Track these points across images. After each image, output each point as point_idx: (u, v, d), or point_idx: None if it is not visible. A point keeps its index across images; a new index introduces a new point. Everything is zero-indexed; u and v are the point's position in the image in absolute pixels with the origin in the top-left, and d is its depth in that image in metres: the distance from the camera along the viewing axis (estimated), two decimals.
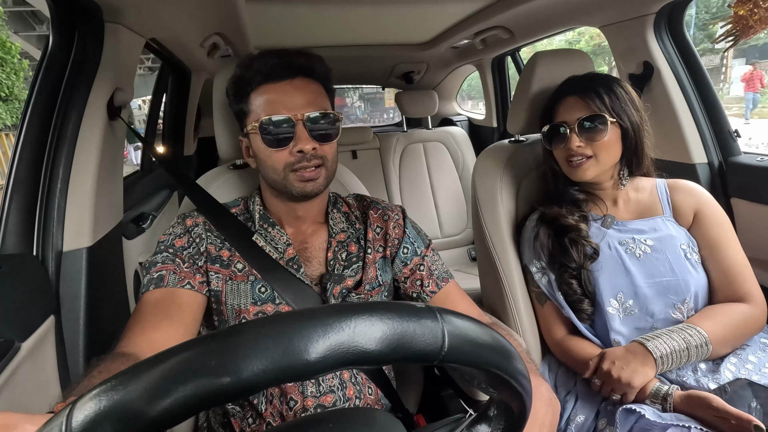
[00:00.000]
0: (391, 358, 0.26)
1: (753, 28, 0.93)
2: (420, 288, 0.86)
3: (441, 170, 2.40)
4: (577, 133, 0.92)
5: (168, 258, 0.75)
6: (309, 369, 0.24)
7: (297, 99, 0.75)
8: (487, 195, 1.14)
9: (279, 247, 0.80)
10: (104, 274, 1.01)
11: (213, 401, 0.23)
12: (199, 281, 0.75)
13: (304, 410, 0.72)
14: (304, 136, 0.74)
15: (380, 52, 2.14)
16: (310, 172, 0.75)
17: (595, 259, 0.94)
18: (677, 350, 0.80)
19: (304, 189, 0.76)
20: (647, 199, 0.98)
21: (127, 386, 0.23)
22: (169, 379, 0.23)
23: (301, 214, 0.83)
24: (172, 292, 0.72)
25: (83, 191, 0.94)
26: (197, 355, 0.24)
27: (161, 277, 0.72)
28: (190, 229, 0.78)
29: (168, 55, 1.64)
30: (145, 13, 1.06)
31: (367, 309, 0.26)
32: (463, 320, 0.29)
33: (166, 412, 0.23)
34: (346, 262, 0.82)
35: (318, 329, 0.25)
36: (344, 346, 0.25)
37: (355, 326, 0.25)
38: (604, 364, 0.84)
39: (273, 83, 0.75)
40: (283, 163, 0.75)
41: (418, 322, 0.27)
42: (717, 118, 1.27)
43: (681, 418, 0.73)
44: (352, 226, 0.87)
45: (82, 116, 0.95)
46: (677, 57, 1.29)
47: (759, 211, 1.14)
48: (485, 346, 0.30)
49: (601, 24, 1.41)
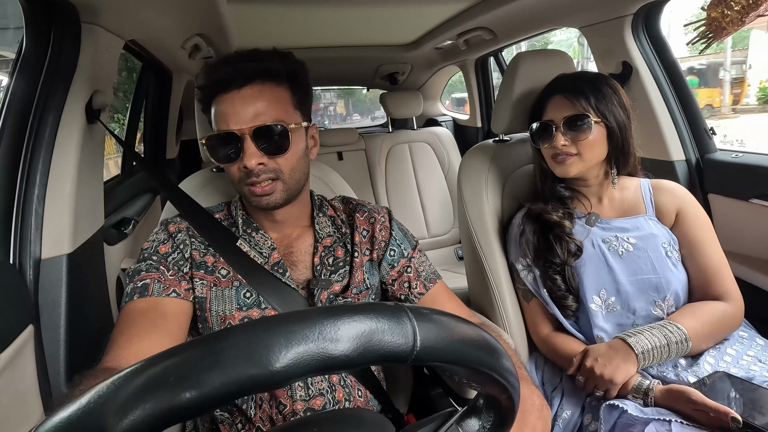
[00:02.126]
0: (359, 361, 0.25)
1: (725, 30, 0.96)
2: (408, 290, 0.86)
3: (427, 170, 2.41)
4: (562, 132, 0.93)
5: (152, 266, 0.73)
6: (273, 379, 0.23)
7: (244, 111, 0.70)
8: (472, 194, 1.15)
9: (263, 251, 0.78)
10: (85, 281, 0.99)
11: (177, 416, 0.23)
12: (185, 288, 0.73)
13: (293, 414, 0.71)
14: (250, 151, 0.70)
15: (364, 53, 2.14)
16: (263, 187, 0.73)
17: (578, 256, 0.95)
18: (658, 346, 0.82)
19: (260, 203, 0.74)
20: (631, 198, 1.00)
21: (88, 406, 0.23)
22: (130, 397, 0.22)
23: (280, 219, 0.81)
24: (157, 301, 0.70)
25: (62, 196, 0.92)
26: (158, 371, 0.23)
27: (146, 286, 0.70)
28: (174, 235, 0.77)
29: (148, 56, 1.61)
30: (123, 13, 1.04)
31: (332, 313, 0.26)
32: (436, 316, 0.28)
33: (130, 430, 0.22)
34: (333, 267, 0.81)
35: (281, 337, 0.24)
36: (309, 353, 0.24)
37: (319, 332, 0.24)
38: (588, 361, 0.85)
39: (224, 94, 0.72)
40: (237, 177, 0.74)
41: (386, 322, 0.26)
42: (693, 117, 1.31)
43: (662, 412, 0.75)
44: (338, 230, 0.85)
45: (59, 120, 0.92)
46: (654, 57, 1.32)
47: (734, 206, 1.18)
48: (462, 341, 0.29)
49: (581, 25, 1.44)
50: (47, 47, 0.91)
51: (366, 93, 3.44)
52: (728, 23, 0.95)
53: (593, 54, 1.45)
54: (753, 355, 0.85)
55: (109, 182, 1.60)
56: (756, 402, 0.71)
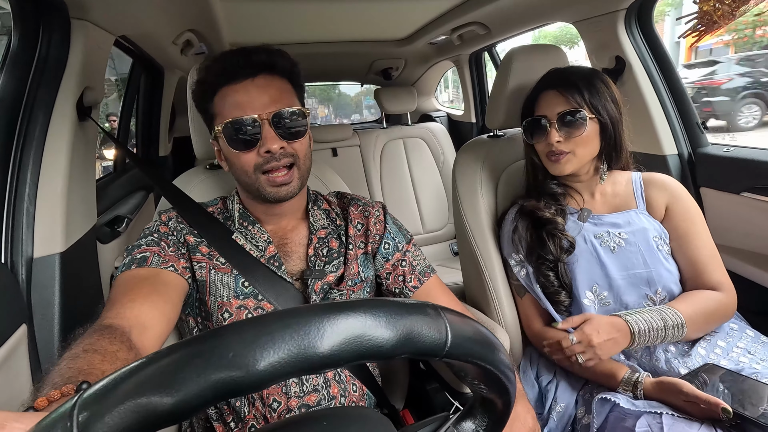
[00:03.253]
0: (399, 351, 0.26)
1: (717, 24, 0.97)
2: (402, 283, 0.86)
3: (421, 166, 2.41)
4: (556, 128, 0.93)
5: (153, 241, 0.74)
6: (321, 362, 0.24)
7: (261, 98, 0.73)
8: (467, 190, 1.15)
9: (260, 245, 0.79)
10: (79, 279, 0.98)
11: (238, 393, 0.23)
12: (183, 266, 0.74)
13: (288, 411, 0.71)
14: (271, 136, 0.72)
15: (358, 48, 2.13)
16: (282, 176, 0.74)
17: (571, 252, 0.96)
18: (655, 328, 0.83)
19: (277, 193, 0.75)
20: (623, 193, 1.00)
21: (141, 376, 0.23)
22: (188, 371, 0.23)
23: (280, 211, 0.82)
24: (158, 271, 0.71)
25: (53, 195, 0.91)
26: (216, 347, 0.24)
27: (145, 258, 0.71)
28: (166, 223, 0.79)
29: (139, 52, 1.59)
30: (113, 9, 1.02)
31: (376, 305, 0.27)
32: (464, 318, 0.31)
33: (185, 404, 0.22)
34: (327, 258, 0.82)
35: (329, 326, 0.25)
36: (357, 341, 0.25)
37: (364, 322, 0.26)
38: (588, 328, 0.86)
39: (234, 84, 0.74)
40: (252, 164, 0.74)
41: (424, 318, 0.28)
42: (686, 111, 1.31)
43: (653, 405, 0.76)
44: (332, 222, 0.86)
45: (50, 117, 0.91)
46: (647, 51, 1.32)
47: (726, 200, 1.19)
48: (483, 342, 0.31)
49: (574, 19, 1.44)
50: (36, 43, 0.90)
51: (352, 96, 3.43)
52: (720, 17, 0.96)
53: (586, 49, 1.45)
54: (743, 347, 0.86)
55: (102, 180, 1.59)
56: (745, 393, 0.72)
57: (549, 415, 0.90)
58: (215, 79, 0.75)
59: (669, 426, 0.71)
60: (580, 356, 0.85)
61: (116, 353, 0.52)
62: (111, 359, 0.50)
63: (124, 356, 0.53)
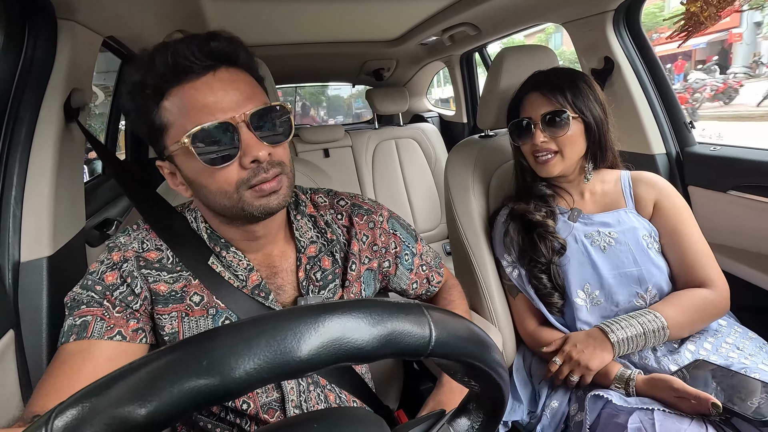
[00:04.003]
0: (382, 353, 0.26)
1: (704, 24, 0.98)
2: (427, 284, 0.89)
3: (414, 166, 2.41)
4: (541, 129, 0.94)
5: (94, 300, 0.61)
6: (300, 366, 0.24)
7: (229, 95, 0.56)
8: (459, 190, 1.15)
9: (239, 273, 0.67)
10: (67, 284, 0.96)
11: (208, 401, 0.23)
12: (133, 329, 0.62)
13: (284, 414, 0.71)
14: (254, 141, 0.57)
15: (349, 49, 2.13)
16: (271, 183, 0.59)
17: (562, 253, 0.97)
18: (634, 335, 0.84)
19: (267, 205, 0.60)
20: (612, 192, 1.02)
21: (112, 390, 0.22)
22: (158, 380, 0.22)
23: (261, 233, 0.67)
24: (98, 344, 0.59)
25: (40, 198, 0.90)
26: (186, 357, 0.23)
27: (85, 324, 0.60)
28: (119, 265, 0.64)
29: (128, 53, 1.57)
30: (101, 10, 1.01)
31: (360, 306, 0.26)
32: (447, 315, 0.30)
33: (157, 414, 0.22)
34: (321, 282, 0.72)
35: (311, 329, 0.25)
36: (337, 343, 0.25)
37: (345, 324, 0.26)
38: (567, 346, 0.89)
39: (189, 81, 0.56)
40: (235, 181, 0.58)
41: (407, 318, 0.27)
42: (673, 111, 1.33)
43: (645, 401, 0.77)
44: (322, 234, 0.75)
45: (36, 119, 0.90)
46: (635, 52, 1.34)
47: (713, 198, 1.21)
48: (468, 338, 0.31)
49: (563, 20, 1.45)
50: (22, 44, 0.88)
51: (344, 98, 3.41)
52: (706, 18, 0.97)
53: (576, 49, 1.47)
54: (731, 343, 0.88)
55: (91, 182, 1.57)
56: (735, 388, 0.74)
57: (542, 413, 0.91)
58: (160, 78, 0.56)
59: (660, 422, 0.72)
60: (572, 376, 0.87)
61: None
62: None
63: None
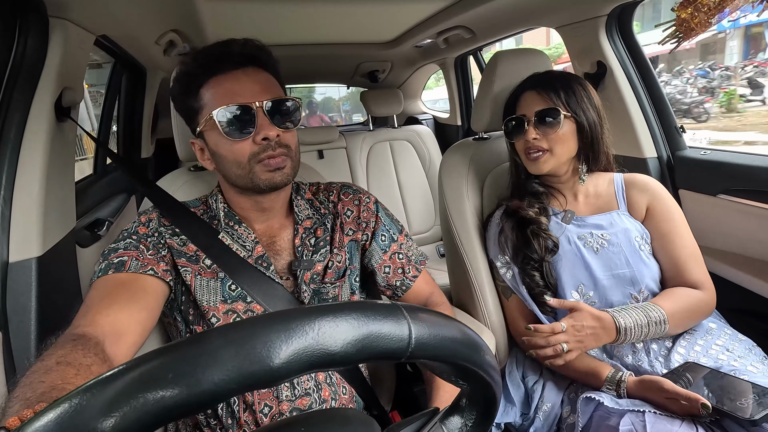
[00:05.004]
0: (357, 358, 0.25)
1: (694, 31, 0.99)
2: (402, 275, 0.89)
3: (408, 168, 2.42)
4: (534, 126, 0.96)
5: (131, 244, 0.72)
6: (275, 374, 0.24)
7: (252, 86, 0.72)
8: (453, 192, 1.16)
9: (247, 245, 0.78)
10: (57, 285, 0.95)
11: (179, 414, 0.23)
12: (163, 269, 0.72)
13: (280, 415, 0.71)
14: (266, 123, 0.71)
15: (344, 50, 2.13)
16: (277, 159, 0.72)
17: (555, 252, 0.97)
18: (639, 324, 0.85)
19: (272, 179, 0.73)
20: (605, 194, 1.03)
21: (80, 402, 0.22)
22: (121, 394, 0.22)
23: (267, 205, 0.80)
24: (136, 276, 0.69)
25: (30, 197, 0.88)
26: (153, 368, 0.23)
27: (122, 262, 0.69)
28: (147, 224, 0.77)
29: (121, 52, 1.56)
30: (93, 8, 1.00)
31: (333, 310, 0.26)
32: (428, 315, 0.29)
33: (122, 428, 0.21)
34: (314, 248, 0.82)
35: (281, 333, 0.24)
36: (310, 349, 0.24)
37: (319, 329, 0.25)
38: (577, 315, 0.87)
39: (224, 74, 0.72)
40: (248, 154, 0.72)
41: (384, 321, 0.26)
42: (665, 115, 1.35)
43: (636, 403, 0.77)
44: (317, 212, 0.86)
45: (26, 118, 0.88)
46: (627, 56, 1.35)
47: (704, 201, 1.22)
48: (452, 339, 0.30)
49: (557, 25, 1.46)
50: (12, 43, 0.87)
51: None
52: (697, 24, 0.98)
53: (569, 54, 1.48)
54: (721, 345, 0.89)
55: (82, 182, 1.55)
56: (724, 389, 0.74)
57: (535, 415, 0.91)
58: (202, 70, 0.72)
59: (651, 423, 0.72)
60: (564, 345, 0.85)
61: (90, 367, 0.51)
62: (85, 373, 0.49)
63: (97, 370, 0.52)
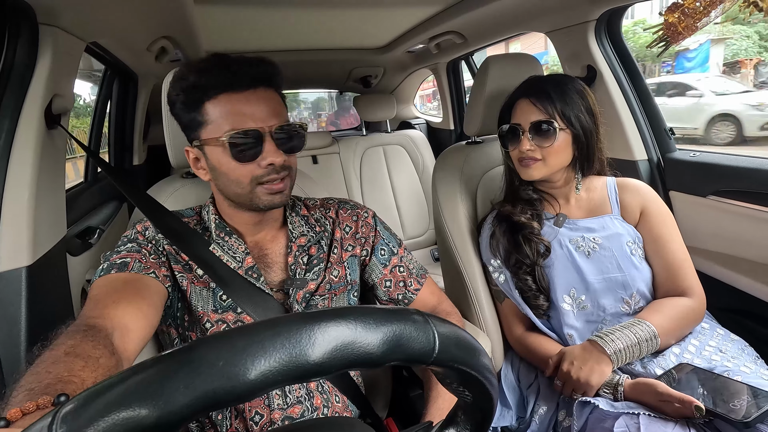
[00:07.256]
0: (388, 359, 0.26)
1: (682, 35, 1.01)
2: (404, 289, 0.89)
3: (401, 173, 2.42)
4: (528, 137, 0.95)
5: (133, 248, 0.73)
6: (315, 369, 0.24)
7: (263, 110, 0.72)
8: (447, 196, 1.16)
9: (237, 256, 0.78)
10: (47, 294, 0.94)
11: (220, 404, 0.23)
12: (164, 274, 0.73)
13: (271, 424, 0.70)
14: (273, 149, 0.72)
15: (337, 56, 2.14)
16: (278, 184, 0.74)
17: (547, 256, 0.97)
18: (629, 345, 0.84)
19: (272, 201, 0.74)
20: (598, 198, 1.03)
21: (123, 388, 0.22)
22: (169, 380, 0.22)
23: (262, 220, 0.81)
24: (139, 276, 0.69)
25: (19, 206, 0.87)
26: (201, 359, 0.23)
27: (125, 263, 0.70)
28: (143, 232, 0.77)
29: (112, 59, 1.55)
30: (84, 15, 0.99)
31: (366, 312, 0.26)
32: (450, 325, 0.31)
33: (172, 416, 0.21)
34: (307, 266, 0.81)
35: (317, 334, 0.25)
36: (348, 349, 0.25)
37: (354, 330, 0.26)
38: (564, 364, 0.87)
39: (236, 92, 0.71)
40: (250, 177, 0.72)
41: (413, 326, 0.28)
42: (654, 118, 1.36)
43: (631, 405, 0.77)
44: (312, 229, 0.85)
45: (16, 125, 0.88)
46: (617, 60, 1.37)
47: (693, 202, 1.24)
48: (469, 347, 0.31)
49: (547, 29, 1.48)
50: (1, 49, 0.87)
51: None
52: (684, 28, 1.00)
53: (560, 58, 1.49)
54: (714, 346, 0.89)
55: (72, 190, 1.53)
56: (717, 390, 0.75)
57: (531, 419, 0.91)
58: (215, 84, 0.71)
59: (645, 426, 0.72)
60: (575, 395, 0.84)
61: (98, 359, 0.51)
62: (93, 366, 0.49)
63: (106, 363, 0.51)
